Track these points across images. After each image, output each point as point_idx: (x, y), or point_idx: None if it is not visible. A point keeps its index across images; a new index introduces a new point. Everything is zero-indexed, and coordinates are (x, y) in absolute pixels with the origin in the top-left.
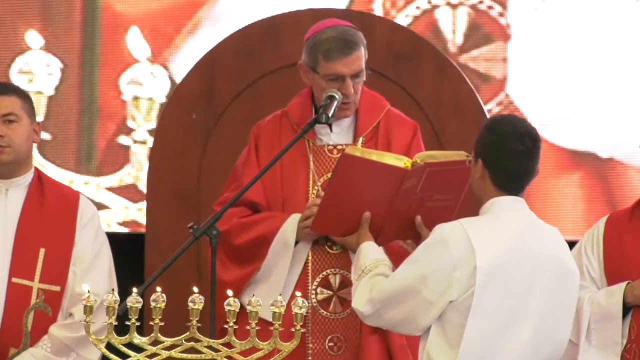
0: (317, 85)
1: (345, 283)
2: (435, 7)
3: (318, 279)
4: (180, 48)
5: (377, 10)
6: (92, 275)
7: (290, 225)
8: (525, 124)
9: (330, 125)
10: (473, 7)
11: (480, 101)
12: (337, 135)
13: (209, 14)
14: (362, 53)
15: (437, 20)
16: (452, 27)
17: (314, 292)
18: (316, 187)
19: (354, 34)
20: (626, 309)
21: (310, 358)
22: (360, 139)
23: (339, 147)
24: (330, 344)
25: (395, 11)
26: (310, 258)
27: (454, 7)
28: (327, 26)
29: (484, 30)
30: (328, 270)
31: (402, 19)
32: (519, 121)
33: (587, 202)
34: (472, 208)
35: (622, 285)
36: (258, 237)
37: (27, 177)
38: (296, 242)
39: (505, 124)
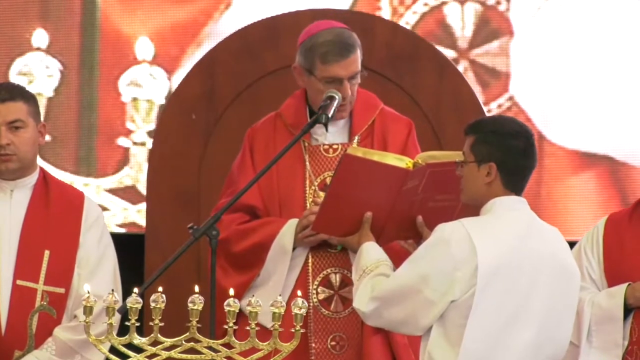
0: (313, 87)
1: (346, 282)
2: (443, 3)
3: (319, 279)
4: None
5: (385, 7)
6: (97, 277)
7: (288, 231)
8: (519, 122)
9: (326, 125)
10: (481, 2)
11: (480, 101)
12: (333, 135)
13: (214, 30)
14: (358, 55)
15: (445, 16)
16: (461, 23)
17: (314, 291)
18: (313, 187)
19: (349, 36)
20: (627, 310)
21: (313, 357)
22: (356, 138)
23: (335, 146)
24: (333, 343)
25: (404, 8)
26: (310, 258)
27: (462, 2)
28: (322, 29)
29: (493, 26)
30: (329, 270)
31: (410, 15)
32: (513, 120)
33: (591, 203)
34: (473, 208)
35: (623, 287)
36: (256, 244)
37: (32, 178)
38: (294, 248)
39: (506, 124)
